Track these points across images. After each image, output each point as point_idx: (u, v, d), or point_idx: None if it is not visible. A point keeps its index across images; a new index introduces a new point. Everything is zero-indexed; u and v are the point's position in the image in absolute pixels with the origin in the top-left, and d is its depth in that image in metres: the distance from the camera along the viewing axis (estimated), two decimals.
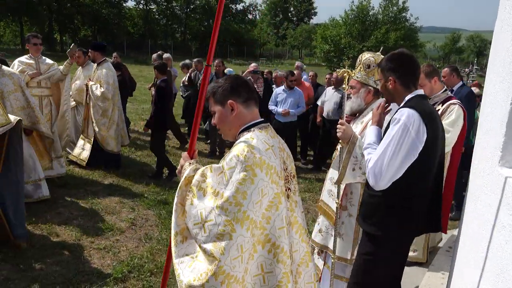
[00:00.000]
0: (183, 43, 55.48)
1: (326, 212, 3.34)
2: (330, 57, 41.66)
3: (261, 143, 1.90)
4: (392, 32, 39.48)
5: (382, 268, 2.57)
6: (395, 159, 2.32)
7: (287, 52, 64.92)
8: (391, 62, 2.53)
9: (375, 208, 2.51)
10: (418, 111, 2.33)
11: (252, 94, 2.06)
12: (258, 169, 1.81)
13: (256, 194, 1.79)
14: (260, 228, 1.84)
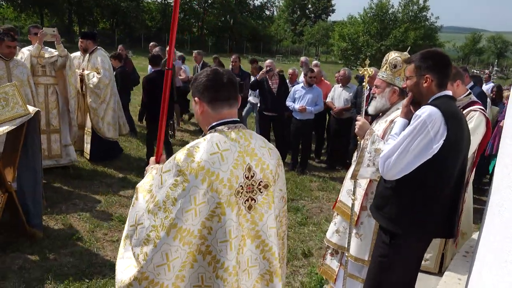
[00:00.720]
0: (199, 38, 55.62)
1: (344, 212, 3.31)
2: (347, 55, 41.40)
3: (210, 146, 1.75)
4: (412, 31, 39.00)
5: (397, 271, 2.53)
6: (406, 153, 2.30)
7: (304, 49, 64.58)
8: (431, 60, 2.45)
9: (388, 199, 2.50)
10: (441, 110, 2.27)
11: (224, 93, 1.85)
12: (193, 175, 1.69)
13: (187, 202, 1.67)
14: (201, 237, 1.73)
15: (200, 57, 9.65)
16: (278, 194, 2.00)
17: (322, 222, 5.46)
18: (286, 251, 2.26)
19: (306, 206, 6.01)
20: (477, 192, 6.72)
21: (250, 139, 1.87)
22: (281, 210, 2.08)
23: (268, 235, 1.88)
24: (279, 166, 1.99)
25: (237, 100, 1.91)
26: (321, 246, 4.75)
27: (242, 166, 1.79)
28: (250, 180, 1.82)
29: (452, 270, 3.28)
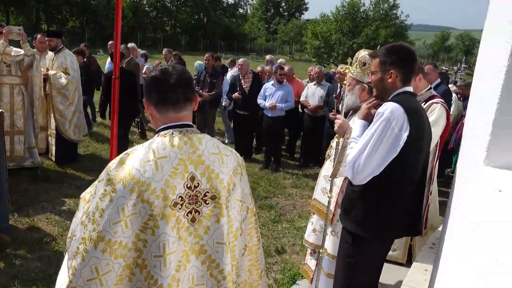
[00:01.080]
0: (172, 36, 55.04)
1: (320, 210, 3.30)
2: (320, 53, 41.79)
3: (144, 154, 1.61)
4: (382, 29, 39.71)
5: (363, 272, 2.52)
6: (374, 153, 2.24)
7: (278, 47, 64.85)
8: (395, 55, 2.39)
9: (354, 203, 2.44)
10: (403, 106, 2.24)
11: (171, 96, 1.67)
12: (120, 184, 1.56)
13: (114, 213, 1.55)
14: (136, 250, 1.60)
15: (170, 55, 9.52)
16: (236, 205, 1.80)
17: (295, 219, 5.50)
18: (263, 265, 2.10)
19: (280, 204, 6.05)
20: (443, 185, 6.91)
21: (198, 145, 1.69)
22: (248, 223, 1.92)
23: (215, 250, 1.69)
24: (237, 174, 1.79)
25: (189, 102, 1.73)
26: (294, 242, 4.79)
27: (183, 175, 1.62)
28: (193, 190, 1.65)
29: (420, 261, 3.36)
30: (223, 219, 1.70)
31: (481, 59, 2.16)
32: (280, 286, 3.88)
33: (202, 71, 8.17)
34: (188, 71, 1.76)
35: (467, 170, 1.99)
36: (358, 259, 2.48)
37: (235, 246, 1.82)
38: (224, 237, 1.70)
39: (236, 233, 1.82)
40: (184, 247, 1.66)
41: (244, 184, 1.85)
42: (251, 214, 1.92)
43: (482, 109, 1.85)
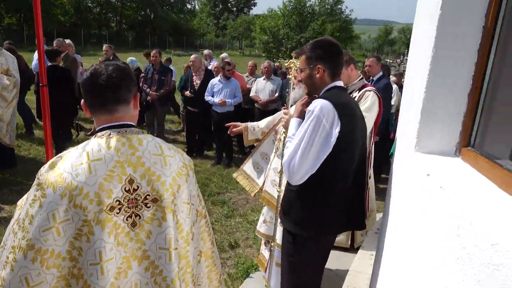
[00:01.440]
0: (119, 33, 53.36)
1: (270, 202, 3.36)
2: (269, 47, 42.13)
3: (77, 156, 1.53)
4: (328, 24, 40.63)
5: (305, 270, 2.51)
6: (308, 152, 2.19)
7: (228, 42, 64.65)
8: (321, 49, 2.35)
9: (292, 203, 2.40)
10: (332, 102, 2.19)
11: (98, 99, 1.59)
12: (51, 188, 1.48)
13: (44, 220, 1.46)
14: (71, 259, 1.51)
15: (111, 51, 9.18)
16: (184, 208, 1.71)
17: (248, 213, 5.54)
18: (220, 268, 2.01)
19: (233, 199, 6.07)
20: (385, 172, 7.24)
21: (138, 146, 1.60)
22: (199, 226, 1.84)
23: (158, 256, 1.61)
24: (182, 176, 1.70)
25: (122, 103, 1.62)
26: (247, 236, 4.84)
27: (120, 178, 1.54)
28: (132, 193, 1.56)
29: (366, 247, 3.52)
30: (165, 223, 1.61)
31: (411, 51, 2.28)
32: (234, 281, 3.91)
33: (150, 68, 7.99)
34: (126, 69, 1.67)
35: (401, 156, 2.11)
36: (299, 258, 2.47)
37: (188, 252, 1.73)
38: (167, 243, 1.61)
39: (188, 238, 1.73)
40: (124, 253, 1.57)
41: (191, 186, 1.76)
42: (201, 217, 1.84)
43: (413, 98, 1.97)
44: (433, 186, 1.49)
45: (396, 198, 2.14)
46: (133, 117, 1.70)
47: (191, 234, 1.76)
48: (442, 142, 1.79)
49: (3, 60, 6.07)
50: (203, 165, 7.52)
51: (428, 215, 1.51)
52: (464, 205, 1.24)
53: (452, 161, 1.71)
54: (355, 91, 3.97)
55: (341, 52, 2.40)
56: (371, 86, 4.00)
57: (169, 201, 1.62)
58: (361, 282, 2.99)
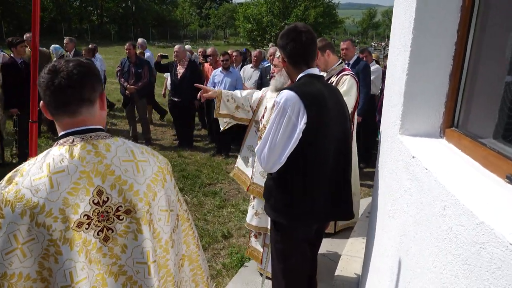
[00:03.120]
0: (100, 26, 52.55)
1: (260, 193, 3.35)
2: (254, 36, 41.86)
3: (36, 169, 1.38)
4: (312, 9, 40.41)
5: (292, 257, 2.52)
6: (275, 143, 2.20)
7: (212, 32, 64.08)
8: (281, 39, 2.32)
9: (271, 190, 2.41)
10: (297, 93, 2.17)
11: (58, 99, 1.42)
12: (8, 208, 1.33)
13: (6, 243, 1.32)
14: (42, 280, 1.39)
15: (73, 44, 8.83)
16: (162, 216, 1.58)
17: (240, 202, 5.56)
18: (207, 272, 1.92)
19: (224, 189, 6.08)
20: (369, 155, 7.30)
21: (105, 152, 1.45)
22: (180, 231, 1.73)
23: (136, 271, 1.49)
24: (157, 182, 1.56)
25: (86, 103, 1.46)
26: (240, 226, 4.85)
27: (87, 190, 1.40)
28: (102, 206, 1.42)
29: (357, 231, 3.56)
30: (141, 235, 1.48)
31: (392, 34, 2.29)
32: (229, 270, 3.93)
33: (126, 62, 7.89)
34: (89, 66, 1.50)
35: (387, 139, 2.13)
36: (282, 244, 2.50)
37: (168, 260, 1.63)
38: (145, 256, 1.48)
39: (167, 246, 1.62)
40: (98, 271, 1.45)
41: (169, 191, 1.62)
42: (182, 221, 1.72)
43: (395, 81, 1.98)
44: (419, 168, 1.50)
45: (383, 181, 2.17)
46: (101, 120, 1.55)
47: (171, 241, 1.64)
48: (426, 124, 1.81)
49: None
50: (193, 157, 7.50)
51: (415, 197, 1.53)
52: (450, 186, 1.25)
53: (437, 143, 1.73)
54: (333, 76, 3.97)
55: (307, 39, 2.29)
56: (349, 70, 4.01)
57: (143, 211, 1.48)
58: (354, 266, 3.03)
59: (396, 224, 1.74)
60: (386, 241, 1.91)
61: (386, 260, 1.85)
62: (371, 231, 2.48)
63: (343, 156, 2.42)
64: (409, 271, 1.51)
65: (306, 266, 2.58)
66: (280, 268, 2.56)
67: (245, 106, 3.49)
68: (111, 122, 9.93)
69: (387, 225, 1.92)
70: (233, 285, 3.63)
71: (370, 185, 6.23)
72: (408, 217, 1.59)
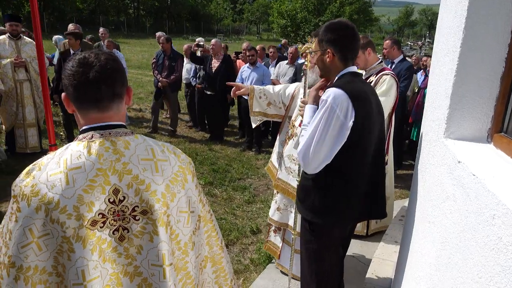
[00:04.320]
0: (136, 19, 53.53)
1: (285, 189, 3.36)
2: (287, 32, 41.66)
3: (54, 164, 1.36)
4: (347, 6, 39.85)
5: (324, 258, 2.50)
6: (322, 143, 2.15)
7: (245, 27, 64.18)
8: (332, 33, 2.26)
9: (308, 191, 2.37)
10: (346, 91, 2.13)
11: (89, 93, 1.38)
12: (25, 201, 1.33)
13: (21, 236, 1.32)
14: (58, 275, 1.38)
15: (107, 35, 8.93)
16: (181, 217, 1.54)
17: (269, 199, 5.55)
18: (232, 274, 1.87)
19: (254, 184, 6.09)
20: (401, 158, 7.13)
21: (124, 150, 1.41)
22: (202, 232, 1.67)
23: (151, 273, 1.45)
24: (177, 182, 1.51)
25: (117, 98, 1.44)
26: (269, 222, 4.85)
27: (103, 189, 1.36)
28: (117, 205, 1.39)
29: (390, 234, 3.48)
30: (157, 237, 1.44)
31: (439, 34, 2.21)
32: (256, 266, 3.93)
33: (161, 55, 8.00)
34: (118, 59, 1.46)
35: (429, 142, 2.06)
36: (316, 245, 2.47)
37: (187, 263, 1.59)
38: (161, 259, 1.44)
39: (186, 249, 1.57)
40: (112, 270, 1.42)
41: (190, 192, 1.57)
42: (204, 222, 1.67)
43: (441, 82, 1.91)
44: (465, 174, 1.44)
45: (423, 186, 2.10)
46: (123, 116, 1.53)
47: (191, 243, 1.59)
48: (473, 128, 1.73)
49: (31, 46, 6.20)
50: (223, 151, 7.55)
51: (459, 204, 1.47)
52: (500, 194, 1.19)
53: (484, 148, 1.66)
54: (372, 75, 3.90)
55: (356, 36, 2.29)
56: (390, 70, 3.91)
57: (160, 213, 1.44)
58: (386, 269, 2.97)
59: (437, 231, 1.68)
60: (425, 247, 1.85)
61: (424, 267, 1.80)
62: (406, 236, 2.41)
63: (380, 157, 2.38)
64: (450, 280, 1.45)
65: (338, 268, 2.55)
66: (312, 270, 2.53)
67: (277, 102, 3.47)
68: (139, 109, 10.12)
69: (426, 231, 1.86)
70: (261, 281, 3.63)
71: (401, 187, 6.11)
72: (451, 224, 1.53)
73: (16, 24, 6.13)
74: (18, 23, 6.22)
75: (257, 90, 3.45)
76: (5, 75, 5.97)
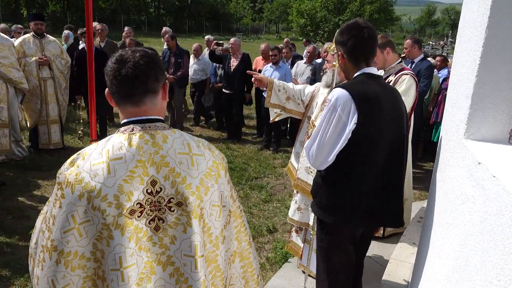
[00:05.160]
0: (157, 18, 54.10)
1: (304, 189, 3.36)
2: (307, 31, 41.47)
3: (97, 154, 1.44)
4: (367, 5, 39.42)
5: (336, 257, 2.48)
6: (324, 141, 2.18)
7: (264, 26, 64.17)
8: (343, 35, 2.26)
9: (319, 187, 2.38)
10: (350, 92, 2.13)
11: (124, 89, 1.46)
12: (69, 189, 1.40)
13: (64, 221, 1.40)
14: (96, 260, 1.45)
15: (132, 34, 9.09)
16: (213, 211, 1.58)
17: (286, 198, 5.55)
18: (258, 270, 1.90)
19: (270, 183, 6.09)
20: (420, 159, 7.03)
21: (162, 143, 1.48)
22: (232, 227, 1.71)
23: (183, 263, 1.50)
24: (211, 177, 1.56)
25: (150, 94, 1.50)
26: (285, 221, 4.84)
27: (142, 179, 1.43)
28: (155, 196, 1.45)
29: (407, 235, 3.44)
30: (190, 229, 1.49)
31: (460, 33, 2.17)
32: (272, 265, 3.94)
33: (166, 52, 8.07)
34: (154, 56, 1.53)
35: (449, 143, 2.03)
36: (326, 243, 2.47)
37: (217, 256, 1.63)
38: (193, 250, 1.50)
39: (217, 242, 1.62)
40: (147, 258, 1.48)
41: (222, 186, 1.62)
42: (235, 217, 1.71)
43: (462, 83, 1.88)
44: (485, 175, 1.42)
45: (441, 187, 2.07)
46: (161, 110, 1.59)
47: (221, 237, 1.64)
48: (494, 129, 1.71)
49: (54, 44, 6.35)
50: (241, 150, 7.57)
51: (478, 205, 1.45)
52: None
53: (505, 149, 1.63)
54: (391, 75, 3.86)
55: (371, 37, 2.24)
56: (409, 70, 3.87)
57: (194, 205, 1.50)
58: (403, 271, 2.94)
59: (456, 233, 1.66)
60: (443, 249, 1.83)
61: (442, 269, 1.78)
62: (424, 237, 2.38)
63: (398, 158, 2.34)
64: (468, 282, 1.43)
65: (349, 267, 2.53)
66: (324, 268, 2.54)
67: (296, 98, 3.46)
68: None
69: (445, 233, 1.83)
70: (277, 280, 3.64)
71: (420, 188, 6.03)
72: (470, 226, 1.51)
73: (40, 23, 6.27)
74: (43, 22, 6.37)
75: (276, 83, 3.46)
76: (30, 73, 6.10)
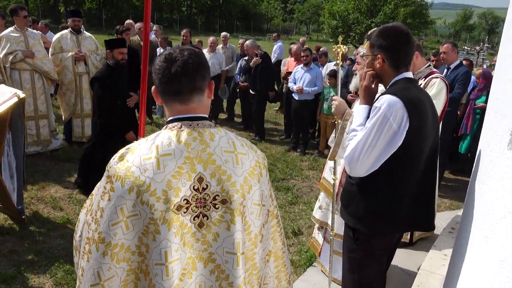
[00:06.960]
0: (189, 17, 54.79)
1: (327, 189, 3.39)
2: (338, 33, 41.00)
3: (146, 149, 1.46)
4: (401, 8, 38.68)
5: (368, 267, 2.42)
6: (372, 149, 2.10)
7: (295, 27, 63.96)
8: (384, 38, 2.19)
9: (353, 196, 2.31)
10: (401, 99, 2.07)
11: (172, 87, 1.48)
12: (119, 182, 1.43)
13: (113, 214, 1.42)
14: (140, 254, 1.47)
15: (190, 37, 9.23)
16: (254, 209, 1.59)
17: (312, 201, 5.50)
18: (290, 269, 1.91)
19: (297, 186, 6.06)
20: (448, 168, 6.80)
21: (209, 141, 1.50)
22: (269, 227, 1.73)
23: (224, 260, 1.51)
24: (254, 176, 1.58)
25: (197, 92, 1.52)
26: (310, 224, 4.79)
27: (189, 176, 1.45)
28: (201, 193, 1.47)
29: (438, 246, 3.35)
30: (234, 226, 1.51)
31: (505, 38, 2.09)
32: (296, 268, 3.91)
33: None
34: (201, 55, 1.55)
35: (490, 153, 1.95)
36: (360, 254, 2.39)
37: (255, 254, 1.64)
38: (235, 247, 1.51)
39: (255, 240, 1.63)
40: (190, 254, 1.50)
41: (263, 186, 1.64)
42: (272, 217, 1.74)
43: (506, 91, 1.80)
44: None
45: (480, 199, 2.00)
46: (207, 108, 1.61)
47: (260, 236, 1.65)
48: None
49: (90, 40, 6.52)
50: (268, 150, 7.56)
51: None
52: None
53: None
54: (421, 78, 3.79)
55: (410, 42, 2.21)
56: (438, 73, 3.79)
57: (238, 203, 1.52)
58: (433, 283, 2.85)
59: (496, 247, 1.59)
60: (481, 264, 1.76)
61: (479, 285, 1.71)
62: (459, 250, 2.30)
63: (432, 166, 2.29)
64: None
65: (382, 279, 2.47)
66: (354, 279, 2.46)
67: None
68: None
69: (483, 247, 1.76)
70: (301, 283, 3.61)
71: (451, 197, 5.86)
72: (510, 240, 1.45)
73: (78, 20, 6.45)
74: (80, 18, 6.54)
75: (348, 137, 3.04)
76: (66, 68, 6.30)
